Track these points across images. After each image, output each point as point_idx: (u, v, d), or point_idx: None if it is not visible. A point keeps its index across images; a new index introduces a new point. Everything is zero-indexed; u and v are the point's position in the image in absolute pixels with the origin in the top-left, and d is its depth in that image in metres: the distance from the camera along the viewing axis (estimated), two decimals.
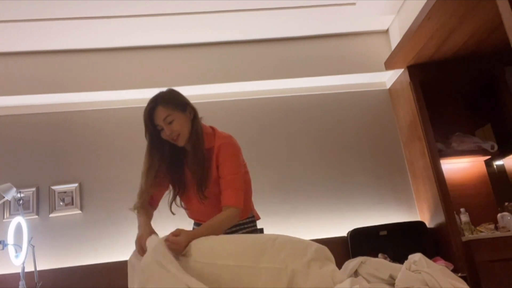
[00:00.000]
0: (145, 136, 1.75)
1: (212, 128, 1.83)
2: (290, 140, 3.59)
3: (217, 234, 1.56)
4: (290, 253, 1.36)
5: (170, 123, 1.69)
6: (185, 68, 3.51)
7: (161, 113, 1.69)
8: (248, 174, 1.88)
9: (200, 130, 1.75)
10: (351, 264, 1.47)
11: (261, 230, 2.00)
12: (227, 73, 3.52)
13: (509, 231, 3.06)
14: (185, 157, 1.78)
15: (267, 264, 1.34)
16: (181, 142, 1.73)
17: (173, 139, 1.72)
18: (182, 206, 1.86)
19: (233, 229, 1.81)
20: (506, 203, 3.30)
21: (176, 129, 1.70)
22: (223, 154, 1.72)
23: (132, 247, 1.59)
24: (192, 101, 1.80)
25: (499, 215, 3.22)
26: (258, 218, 1.96)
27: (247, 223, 1.86)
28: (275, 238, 1.43)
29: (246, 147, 3.33)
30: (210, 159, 1.74)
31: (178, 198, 1.85)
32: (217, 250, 1.41)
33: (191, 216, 1.92)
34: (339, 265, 1.53)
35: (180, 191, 1.81)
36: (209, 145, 1.75)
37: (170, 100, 1.73)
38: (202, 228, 1.58)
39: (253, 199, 1.95)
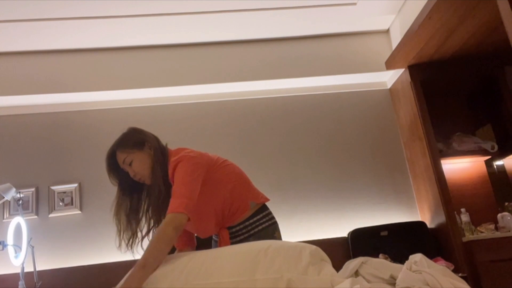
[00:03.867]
0: (110, 180, 1.78)
1: (177, 151, 1.76)
2: (290, 140, 3.58)
3: (158, 255, 1.44)
4: (284, 261, 1.33)
5: (130, 164, 1.72)
6: (184, 68, 3.50)
7: (120, 157, 1.74)
8: (230, 167, 1.82)
9: (161, 164, 1.71)
10: (352, 264, 1.46)
11: None
12: (226, 73, 3.52)
13: (509, 231, 3.07)
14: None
15: (262, 276, 1.30)
16: (147, 181, 1.73)
17: (140, 179, 1.74)
18: None
19: (249, 227, 1.77)
20: (506, 203, 3.31)
21: (136, 169, 1.72)
22: (175, 174, 1.65)
23: None
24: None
25: (499, 215, 3.22)
26: (267, 200, 1.93)
27: (260, 219, 1.81)
28: (268, 247, 1.40)
29: (246, 147, 3.35)
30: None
31: None
32: (211, 268, 1.36)
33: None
34: (340, 265, 1.52)
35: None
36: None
37: (125, 142, 1.75)
38: (136, 267, 1.41)
39: None
